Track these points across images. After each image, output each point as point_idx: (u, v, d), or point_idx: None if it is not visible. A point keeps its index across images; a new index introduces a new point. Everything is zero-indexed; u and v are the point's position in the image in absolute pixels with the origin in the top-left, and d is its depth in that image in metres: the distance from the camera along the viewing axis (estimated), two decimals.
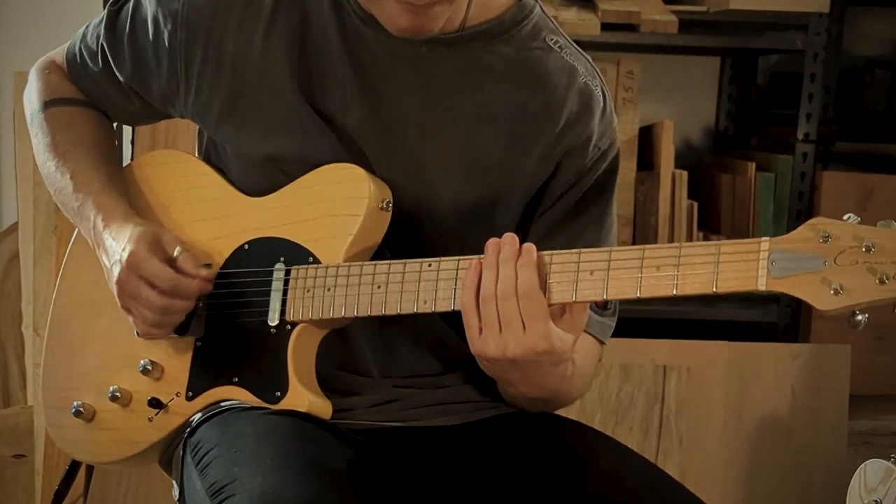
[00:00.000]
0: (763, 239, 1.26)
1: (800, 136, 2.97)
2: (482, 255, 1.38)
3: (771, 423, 2.80)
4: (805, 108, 2.97)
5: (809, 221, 1.25)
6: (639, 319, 2.79)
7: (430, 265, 1.42)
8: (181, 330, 1.54)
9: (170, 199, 1.63)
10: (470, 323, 1.37)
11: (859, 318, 1.24)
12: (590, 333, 1.55)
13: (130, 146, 2.62)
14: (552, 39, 1.57)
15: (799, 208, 2.96)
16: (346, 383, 1.57)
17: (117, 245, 1.52)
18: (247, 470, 1.37)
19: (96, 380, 1.62)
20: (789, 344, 2.85)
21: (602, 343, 1.60)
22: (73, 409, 1.61)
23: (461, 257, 1.41)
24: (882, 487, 2.02)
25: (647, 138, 3.00)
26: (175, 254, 1.51)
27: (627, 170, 2.91)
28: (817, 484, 2.77)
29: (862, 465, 2.06)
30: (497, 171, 1.53)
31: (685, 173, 2.92)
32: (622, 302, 1.59)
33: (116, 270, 1.50)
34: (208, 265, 1.54)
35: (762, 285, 1.26)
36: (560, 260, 1.36)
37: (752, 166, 2.96)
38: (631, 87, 2.91)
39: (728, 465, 2.81)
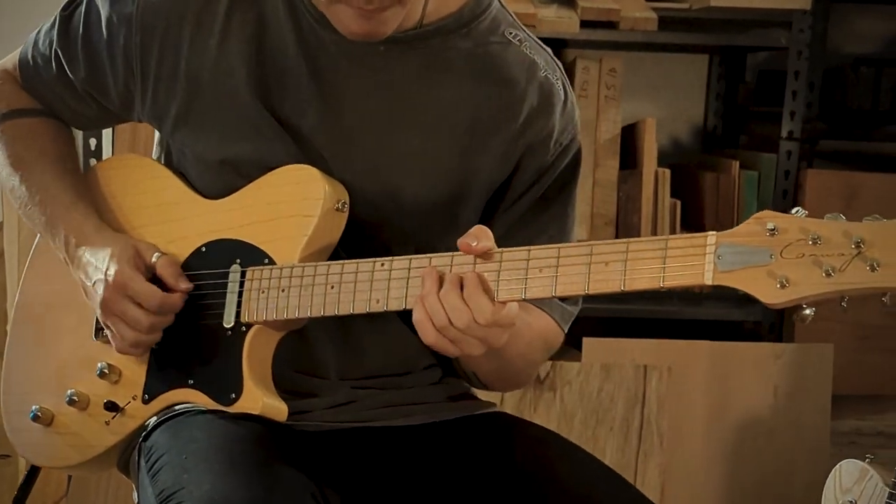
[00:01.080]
0: (710, 233, 1.25)
1: (784, 133, 2.95)
2: (434, 255, 1.37)
3: (753, 423, 2.78)
4: (789, 105, 2.95)
5: (756, 214, 1.24)
6: (619, 319, 2.78)
7: (382, 265, 1.41)
8: None
9: (131, 203, 1.63)
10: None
11: (807, 311, 1.23)
12: (547, 313, 1.55)
13: (111, 146, 2.61)
14: (511, 33, 1.56)
15: (784, 207, 2.94)
16: (305, 385, 1.57)
17: (98, 262, 1.51)
18: (195, 476, 1.37)
19: (54, 384, 1.61)
20: (771, 343, 2.83)
21: (563, 331, 1.59)
22: (31, 414, 1.61)
23: (413, 256, 1.40)
24: (857, 488, 2.01)
25: (631, 137, 2.98)
26: (153, 259, 1.51)
27: (610, 168, 2.90)
28: (799, 484, 2.76)
29: (837, 466, 2.05)
30: (457, 169, 1.51)
31: (668, 172, 2.90)
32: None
33: (101, 289, 1.49)
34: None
35: (708, 280, 1.24)
36: (510, 258, 1.35)
37: (736, 165, 2.94)
38: (613, 85, 2.90)
39: (710, 465, 2.80)
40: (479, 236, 1.34)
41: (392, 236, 1.52)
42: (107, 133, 2.59)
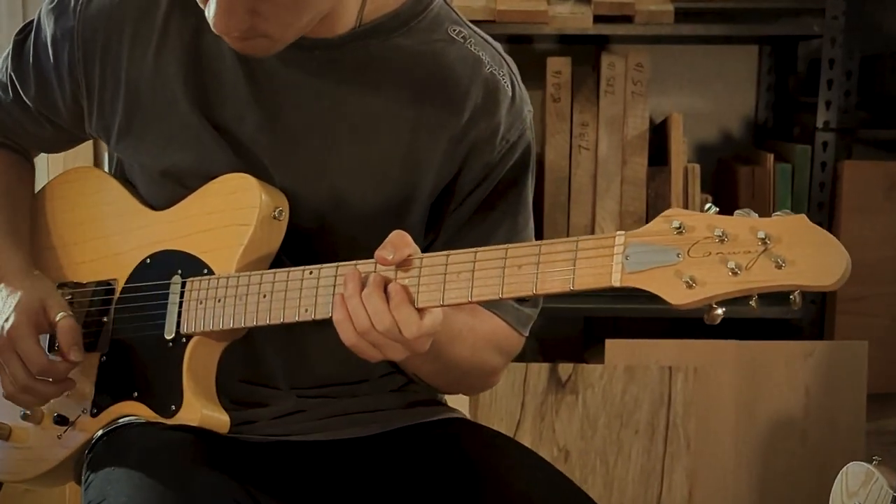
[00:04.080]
0: (618, 233, 1.21)
1: (819, 124, 2.85)
2: (360, 262, 1.35)
3: (784, 424, 2.70)
4: (824, 95, 2.85)
5: (664, 213, 1.20)
6: (643, 319, 2.73)
7: (311, 272, 1.39)
8: (89, 347, 1.54)
9: (81, 216, 1.63)
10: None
11: (718, 311, 1.18)
12: (499, 315, 1.52)
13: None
14: (455, 30, 1.52)
15: (820, 200, 2.85)
16: (253, 395, 1.56)
17: (3, 306, 1.52)
18: (116, 488, 1.37)
19: None
20: (801, 342, 2.74)
21: (521, 335, 1.56)
22: None
23: (339, 264, 1.37)
24: (863, 491, 1.94)
25: (663, 132, 2.92)
26: (56, 318, 1.51)
27: (638, 165, 2.84)
28: None
29: (843, 469, 1.98)
30: (402, 171, 1.49)
31: (697, 167, 2.83)
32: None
33: None
34: (112, 280, 1.53)
35: (616, 281, 1.20)
36: (430, 263, 1.32)
37: (771, 157, 2.86)
38: (640, 81, 2.84)
39: (739, 468, 2.72)
40: (397, 245, 1.31)
41: (338, 242, 1.50)
42: None
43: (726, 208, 1.20)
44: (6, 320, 1.49)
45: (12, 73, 1.62)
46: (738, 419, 2.72)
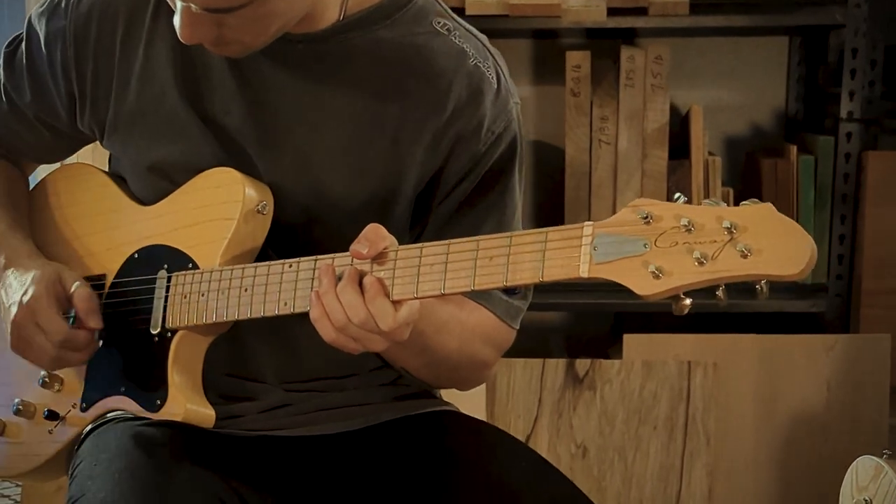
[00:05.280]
0: (586, 223, 1.20)
1: (843, 114, 2.81)
2: (337, 255, 1.34)
3: (805, 419, 2.66)
4: (848, 85, 2.81)
5: (632, 202, 1.18)
6: (661, 313, 2.69)
7: (290, 266, 1.39)
8: None
9: (74, 212, 1.64)
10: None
11: (686, 302, 1.16)
12: (487, 307, 1.51)
13: None
14: (439, 23, 1.52)
15: (844, 191, 2.81)
16: (239, 389, 1.56)
17: (19, 285, 1.52)
18: (97, 483, 1.38)
19: (4, 394, 1.63)
20: (822, 335, 2.70)
21: (511, 327, 1.55)
22: None
23: (318, 257, 1.37)
24: (872, 485, 1.90)
25: (686, 125, 2.89)
26: (72, 289, 1.50)
27: (658, 159, 2.81)
28: None
29: (854, 463, 1.95)
30: (385, 164, 1.48)
31: (718, 160, 2.80)
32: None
33: (14, 311, 1.50)
34: (101, 276, 1.54)
35: (584, 272, 1.19)
36: (404, 255, 1.31)
37: (794, 149, 2.82)
38: (660, 73, 2.81)
39: (759, 464, 2.69)
40: (371, 239, 1.31)
41: (324, 235, 1.50)
42: None
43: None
44: (25, 293, 1.50)
45: (6, 84, 1.63)
46: (758, 414, 2.69)
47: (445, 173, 1.50)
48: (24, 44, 1.61)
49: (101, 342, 1.53)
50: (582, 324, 3.22)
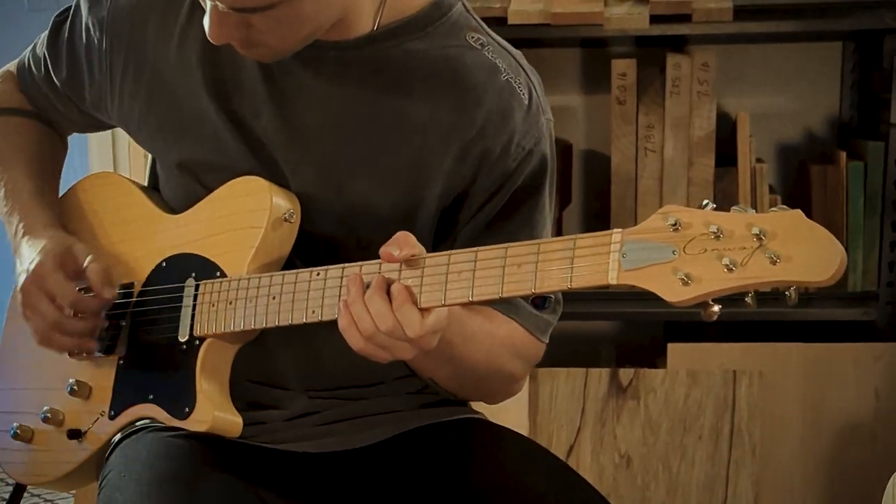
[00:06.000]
0: (615, 231, 1.19)
1: (893, 119, 2.77)
2: (365, 263, 1.33)
3: (853, 428, 2.62)
4: None
5: (661, 209, 1.18)
6: (696, 323, 2.67)
7: (318, 274, 1.39)
8: (108, 349, 1.55)
9: (104, 220, 1.65)
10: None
11: (715, 308, 1.16)
12: (516, 321, 1.49)
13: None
14: (473, 37, 1.51)
15: (895, 198, 2.76)
16: (264, 397, 1.56)
17: (29, 254, 1.54)
18: (124, 495, 1.38)
19: (33, 401, 1.63)
20: (870, 343, 2.65)
21: (540, 340, 1.53)
22: (11, 432, 1.63)
23: (346, 265, 1.36)
24: None
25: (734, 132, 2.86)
26: (84, 263, 1.51)
27: (705, 166, 2.78)
28: None
29: (893, 476, 1.91)
30: (410, 175, 1.48)
31: (765, 167, 2.76)
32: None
33: (22, 279, 1.52)
34: (129, 284, 1.55)
35: (613, 279, 1.18)
36: (433, 263, 1.30)
37: (843, 155, 2.78)
38: (706, 80, 2.78)
39: (807, 474, 2.65)
40: (402, 244, 1.30)
41: (350, 244, 1.49)
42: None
43: (798, 208, 1.16)
44: (31, 262, 1.51)
45: (46, 52, 1.66)
46: (804, 423, 2.65)
47: (473, 189, 1.49)
48: (70, 20, 1.63)
49: (122, 359, 1.54)
50: (632, 333, 3.19)
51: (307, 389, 1.55)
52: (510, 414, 1.87)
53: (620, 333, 3.21)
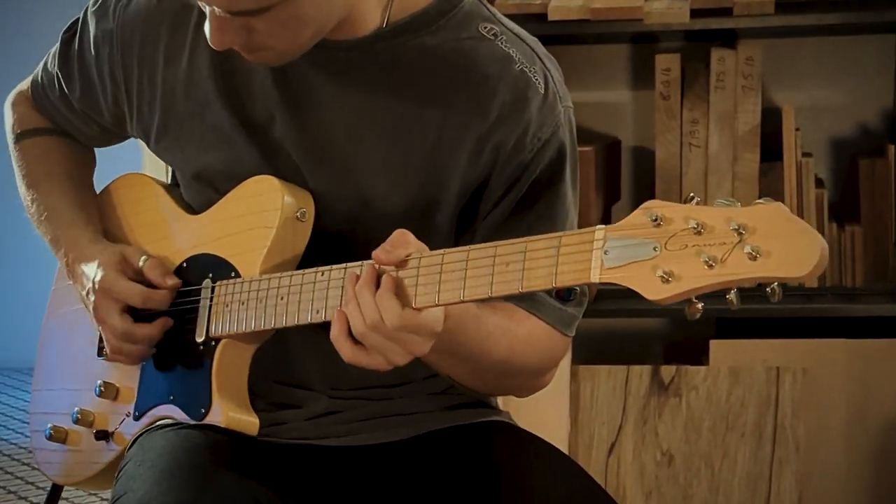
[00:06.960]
0: (598, 227, 1.17)
1: None
2: (367, 262, 1.34)
3: None
4: None
5: (643, 204, 1.16)
6: (747, 319, 2.65)
7: (322, 274, 1.40)
8: None
9: (132, 221, 1.68)
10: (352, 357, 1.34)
11: (698, 306, 1.14)
12: (538, 316, 1.47)
13: None
14: (486, 28, 1.49)
15: None
16: (287, 396, 1.57)
17: (89, 272, 1.57)
18: (138, 482, 1.40)
19: (66, 402, 1.67)
20: None
21: (564, 334, 1.51)
22: (46, 433, 1.68)
23: (349, 264, 1.37)
24: None
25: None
26: (140, 263, 1.54)
27: (750, 161, 2.76)
28: None
29: None
30: (426, 172, 1.47)
31: (811, 161, 2.74)
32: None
33: (92, 298, 1.55)
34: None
35: (595, 277, 1.17)
36: (427, 262, 1.30)
37: (893, 148, 2.75)
38: (751, 74, 2.76)
39: (851, 472, 2.62)
40: (395, 244, 1.30)
41: (368, 242, 1.48)
42: None
43: (846, 203, 1.14)
44: (94, 279, 1.55)
45: (58, 71, 1.67)
46: (849, 420, 2.62)
47: (492, 182, 1.47)
48: (78, 35, 1.64)
49: (154, 350, 1.56)
50: (682, 330, 3.17)
51: (329, 389, 1.56)
52: (550, 412, 1.87)
53: (670, 330, 3.19)
